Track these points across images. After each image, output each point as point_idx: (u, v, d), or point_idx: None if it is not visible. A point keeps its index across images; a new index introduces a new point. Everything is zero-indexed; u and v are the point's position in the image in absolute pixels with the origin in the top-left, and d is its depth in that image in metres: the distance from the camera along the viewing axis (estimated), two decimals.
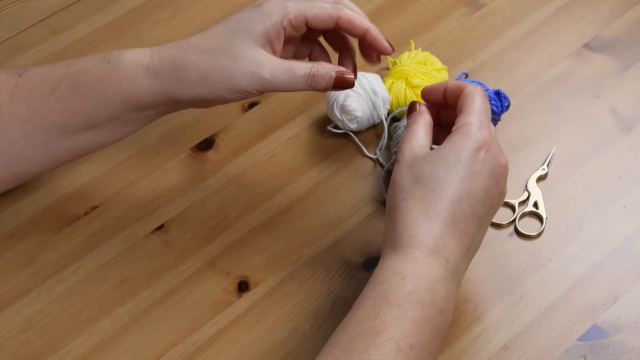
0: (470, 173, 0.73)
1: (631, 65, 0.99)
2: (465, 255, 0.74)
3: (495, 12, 1.05)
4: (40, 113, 0.81)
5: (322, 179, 0.93)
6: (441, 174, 0.73)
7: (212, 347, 0.82)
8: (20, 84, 0.82)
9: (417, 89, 0.94)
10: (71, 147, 0.83)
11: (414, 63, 0.95)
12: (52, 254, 0.89)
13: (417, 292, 0.70)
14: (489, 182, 0.74)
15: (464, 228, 0.73)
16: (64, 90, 0.81)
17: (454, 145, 0.74)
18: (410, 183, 0.74)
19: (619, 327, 0.81)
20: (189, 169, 0.94)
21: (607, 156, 0.92)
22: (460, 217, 0.73)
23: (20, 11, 1.10)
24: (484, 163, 0.74)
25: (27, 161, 0.84)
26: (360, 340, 0.68)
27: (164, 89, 0.80)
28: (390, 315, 0.69)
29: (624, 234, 0.86)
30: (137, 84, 0.80)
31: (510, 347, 0.80)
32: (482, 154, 0.74)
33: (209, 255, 0.88)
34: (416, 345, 0.69)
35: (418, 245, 0.72)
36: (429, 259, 0.72)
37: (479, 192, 0.74)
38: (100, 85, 0.80)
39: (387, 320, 0.69)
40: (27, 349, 0.83)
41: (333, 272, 0.86)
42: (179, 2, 1.10)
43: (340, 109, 0.92)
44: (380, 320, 0.69)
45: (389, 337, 0.68)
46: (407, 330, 0.69)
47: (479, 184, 0.74)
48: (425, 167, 0.74)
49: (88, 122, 0.82)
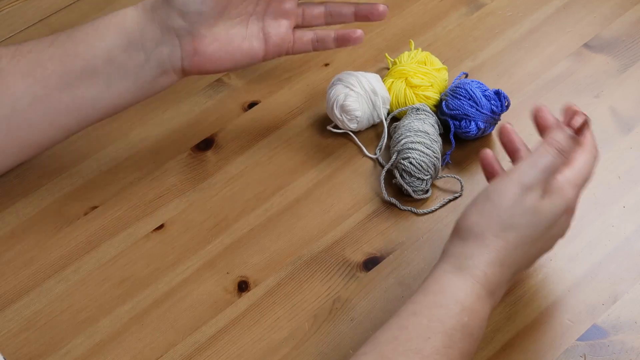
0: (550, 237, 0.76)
1: (631, 65, 0.99)
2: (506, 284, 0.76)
3: (495, 12, 1.05)
4: (41, 64, 0.83)
5: (322, 179, 0.93)
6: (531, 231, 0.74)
7: (212, 347, 0.82)
8: (20, 48, 0.84)
9: (417, 89, 0.94)
10: (70, 103, 0.84)
11: (414, 63, 0.95)
12: (52, 254, 0.89)
13: (470, 327, 0.71)
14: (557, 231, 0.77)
15: (527, 264, 0.77)
16: (61, 38, 0.84)
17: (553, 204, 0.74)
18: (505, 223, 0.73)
19: (619, 327, 0.81)
20: (189, 169, 0.94)
21: (607, 156, 0.92)
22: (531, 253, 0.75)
23: (20, 11, 1.10)
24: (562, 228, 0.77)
25: (28, 123, 0.84)
26: (405, 358, 0.68)
27: (153, 19, 0.83)
28: (441, 343, 0.69)
29: (623, 233, 0.86)
30: (127, 17, 0.84)
31: (510, 347, 0.80)
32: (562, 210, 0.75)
33: (208, 255, 0.88)
34: None
35: (485, 283, 0.72)
36: (487, 299, 0.73)
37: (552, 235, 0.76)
38: (95, 25, 0.84)
39: (436, 346, 0.69)
40: (27, 349, 0.83)
41: (333, 272, 0.86)
42: None
43: (340, 108, 0.92)
44: (430, 345, 0.69)
45: None
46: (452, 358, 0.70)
47: (546, 244, 0.77)
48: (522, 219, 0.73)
49: (85, 67, 0.83)
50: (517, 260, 0.74)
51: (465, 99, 0.91)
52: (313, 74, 1.01)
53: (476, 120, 0.91)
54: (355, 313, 0.83)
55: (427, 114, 0.92)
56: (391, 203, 0.90)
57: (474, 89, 0.91)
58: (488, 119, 0.91)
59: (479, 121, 0.91)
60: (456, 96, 0.92)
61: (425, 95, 0.94)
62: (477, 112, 0.91)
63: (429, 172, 0.88)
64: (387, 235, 0.88)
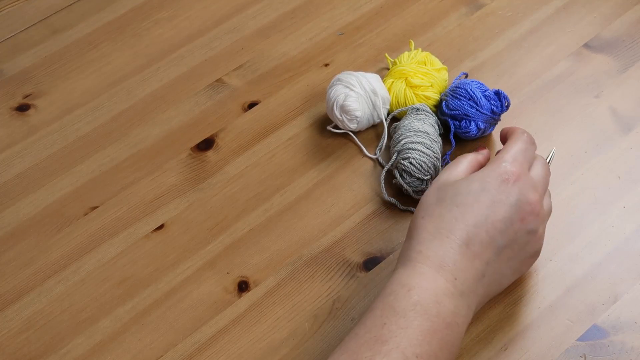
0: (491, 201, 0.75)
1: (631, 65, 0.99)
2: (480, 280, 0.75)
3: (495, 12, 1.05)
4: None
5: (322, 179, 0.93)
6: (462, 198, 0.75)
7: (212, 347, 0.82)
8: None
9: (417, 89, 0.94)
10: None
11: (414, 63, 0.95)
12: (52, 254, 0.89)
13: (423, 304, 0.71)
14: (512, 214, 0.75)
15: (478, 252, 0.74)
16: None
17: (482, 173, 0.76)
18: (433, 203, 0.76)
19: (619, 327, 0.81)
20: (189, 169, 0.94)
21: (607, 156, 0.92)
22: (475, 241, 0.74)
23: (20, 11, 1.10)
24: (509, 195, 0.75)
25: None
26: (367, 348, 0.69)
27: None
28: (396, 324, 0.70)
29: (624, 234, 0.86)
30: None
31: (510, 347, 0.80)
32: (507, 186, 0.75)
33: (208, 255, 0.88)
34: (422, 354, 0.69)
35: (426, 260, 0.74)
36: (435, 274, 0.73)
37: (497, 221, 0.75)
38: None
39: (393, 330, 0.70)
40: (27, 349, 0.83)
41: (333, 272, 0.86)
42: (179, 2, 1.10)
43: (340, 108, 0.92)
44: (386, 329, 0.70)
45: (394, 346, 0.69)
46: (413, 340, 0.70)
47: (499, 214, 0.75)
48: (449, 190, 0.76)
49: None
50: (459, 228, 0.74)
51: (465, 99, 0.91)
52: (313, 74, 1.01)
53: (476, 120, 0.91)
54: (355, 313, 0.83)
55: (427, 114, 0.92)
56: (391, 203, 0.90)
57: (474, 89, 0.91)
58: (488, 119, 0.91)
59: (479, 121, 0.91)
60: (456, 96, 0.92)
61: (425, 96, 0.94)
62: (477, 112, 0.91)
63: (429, 172, 0.88)
64: (387, 235, 0.88)
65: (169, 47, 1.05)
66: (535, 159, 0.80)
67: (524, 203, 0.76)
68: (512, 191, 0.75)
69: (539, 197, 0.77)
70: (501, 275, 0.77)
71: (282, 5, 1.08)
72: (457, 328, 0.73)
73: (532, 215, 0.76)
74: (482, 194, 0.75)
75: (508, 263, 0.77)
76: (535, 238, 0.77)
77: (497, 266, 0.76)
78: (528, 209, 0.76)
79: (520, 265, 0.78)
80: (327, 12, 1.07)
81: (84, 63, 1.05)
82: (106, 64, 1.04)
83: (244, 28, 1.06)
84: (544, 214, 0.78)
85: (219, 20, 1.07)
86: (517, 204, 0.75)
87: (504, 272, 0.77)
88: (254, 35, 1.06)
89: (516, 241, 0.76)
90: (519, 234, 0.76)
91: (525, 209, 0.76)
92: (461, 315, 0.73)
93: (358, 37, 1.04)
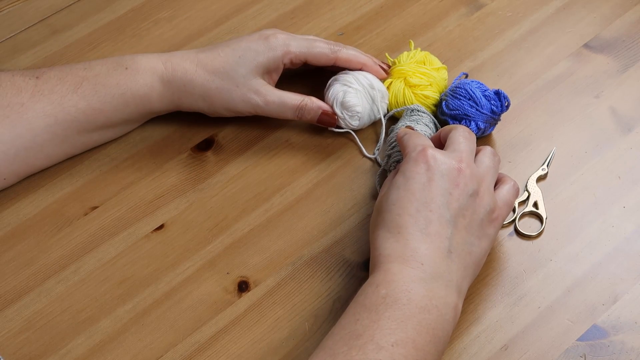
0: (419, 184, 0.78)
1: (631, 65, 0.99)
2: (448, 256, 0.76)
3: (495, 12, 1.05)
4: (64, 109, 0.88)
5: (322, 179, 0.93)
6: (394, 196, 0.78)
7: (212, 347, 0.82)
8: (40, 84, 0.88)
9: (416, 89, 0.94)
10: (84, 142, 0.92)
11: (413, 62, 0.95)
12: (52, 254, 0.89)
13: (392, 295, 0.73)
14: (444, 185, 0.77)
15: (434, 232, 0.76)
16: (86, 90, 0.88)
17: (399, 170, 0.80)
18: (376, 217, 0.80)
19: (619, 327, 0.81)
20: (189, 169, 0.94)
21: (607, 156, 0.92)
22: (424, 224, 0.76)
23: (20, 11, 1.10)
24: (430, 172, 0.78)
25: (46, 154, 0.90)
26: (343, 343, 0.71)
27: (172, 96, 0.91)
28: (368, 319, 0.72)
29: (624, 234, 0.86)
30: (153, 90, 0.90)
31: (510, 347, 0.80)
32: (424, 166, 0.79)
33: (208, 255, 0.88)
34: (398, 342, 0.71)
35: (387, 259, 0.76)
36: (400, 266, 0.75)
37: (436, 197, 0.77)
38: (122, 89, 0.90)
39: (365, 324, 0.72)
40: (27, 349, 0.83)
41: (333, 272, 0.86)
42: (179, 2, 1.10)
43: (341, 105, 0.92)
44: (359, 325, 0.72)
45: (369, 339, 0.71)
46: (386, 330, 0.71)
47: (433, 190, 0.77)
48: (382, 199, 0.80)
49: (106, 122, 0.91)
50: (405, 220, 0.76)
51: (465, 99, 0.91)
52: (313, 75, 1.01)
53: (476, 120, 0.91)
54: None
55: (421, 114, 0.92)
56: None
57: (474, 89, 0.91)
58: (488, 119, 0.91)
59: (479, 121, 0.91)
60: (456, 96, 0.92)
61: (424, 95, 0.94)
62: (477, 112, 0.91)
63: None
64: None
65: (169, 47, 1.05)
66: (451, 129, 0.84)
67: (447, 170, 0.78)
68: (431, 166, 0.78)
69: (463, 158, 0.79)
70: (469, 245, 0.78)
71: (282, 5, 1.08)
72: (436, 311, 0.74)
73: (464, 178, 0.78)
74: (408, 183, 0.78)
75: (469, 231, 0.78)
76: (479, 198, 0.78)
77: (459, 237, 0.77)
78: (455, 174, 0.78)
79: (482, 229, 0.79)
80: (327, 12, 1.07)
81: None
82: None
83: (244, 28, 1.06)
84: (478, 172, 0.80)
85: (219, 20, 1.07)
86: (442, 174, 0.78)
87: (469, 240, 0.78)
88: None
89: (464, 208, 0.78)
90: (462, 200, 0.78)
91: (453, 174, 0.78)
92: (439, 297, 0.74)
93: (358, 37, 1.04)
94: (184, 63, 0.91)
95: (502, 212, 0.81)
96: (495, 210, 0.80)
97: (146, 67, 0.90)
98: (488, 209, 0.79)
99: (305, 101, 0.91)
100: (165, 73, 0.90)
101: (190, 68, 0.90)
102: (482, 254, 0.79)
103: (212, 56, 0.91)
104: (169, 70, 0.90)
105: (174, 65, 0.90)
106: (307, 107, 0.91)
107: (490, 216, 0.79)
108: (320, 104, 0.91)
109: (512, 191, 0.82)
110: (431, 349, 0.72)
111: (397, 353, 0.70)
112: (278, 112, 0.91)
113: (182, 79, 0.90)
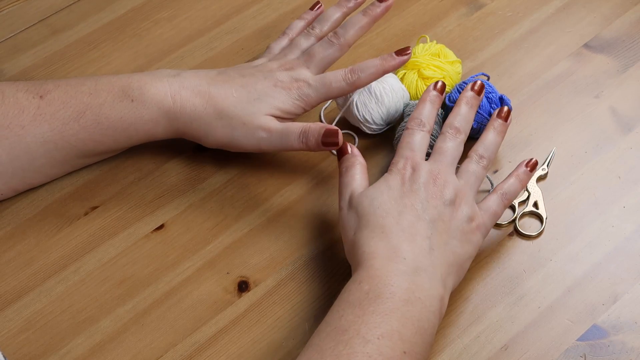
0: (401, 192, 0.81)
1: (631, 65, 0.99)
2: (431, 253, 0.78)
3: (495, 12, 1.05)
4: (64, 137, 0.88)
5: (322, 178, 0.93)
6: (377, 200, 0.80)
7: (212, 347, 0.82)
8: (43, 106, 0.87)
9: (429, 81, 0.94)
10: (84, 163, 0.93)
11: (428, 55, 0.96)
12: (52, 254, 0.89)
13: (375, 290, 0.75)
14: (422, 195, 0.80)
15: (415, 232, 0.78)
16: (88, 121, 0.88)
17: (383, 178, 0.82)
18: (355, 218, 0.81)
19: (619, 327, 0.81)
20: (189, 169, 0.94)
21: (607, 156, 0.92)
22: (406, 224, 0.79)
23: (20, 11, 1.10)
24: (410, 182, 0.81)
25: (42, 174, 0.91)
26: (330, 339, 0.73)
27: (177, 130, 0.90)
28: (352, 314, 0.74)
29: (624, 234, 0.86)
30: (158, 125, 0.89)
31: (510, 347, 0.80)
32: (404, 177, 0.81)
33: (208, 255, 0.88)
34: (384, 334, 0.72)
35: (370, 256, 0.77)
36: (382, 262, 0.77)
37: (415, 203, 0.80)
38: (125, 124, 0.88)
39: (350, 319, 0.73)
40: (27, 349, 0.83)
41: (333, 272, 0.86)
42: (179, 2, 1.10)
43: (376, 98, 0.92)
44: (344, 320, 0.73)
45: (354, 333, 0.72)
46: (371, 324, 0.73)
47: (413, 198, 0.80)
48: (363, 200, 0.81)
49: (106, 150, 0.92)
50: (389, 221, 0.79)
51: None
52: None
53: None
54: None
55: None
56: None
57: None
58: (483, 120, 0.90)
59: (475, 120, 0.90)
60: (460, 90, 0.91)
61: None
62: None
63: None
64: None
65: (169, 47, 1.05)
66: None
67: (426, 183, 0.81)
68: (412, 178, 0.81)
69: (441, 170, 0.81)
70: (451, 245, 0.79)
71: (282, 5, 1.08)
72: (419, 303, 0.75)
73: (440, 190, 0.81)
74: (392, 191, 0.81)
75: (449, 234, 0.79)
76: (456, 206, 0.80)
77: (440, 238, 0.79)
78: (432, 186, 0.81)
79: (464, 235, 0.80)
80: None
81: (84, 63, 1.04)
82: (106, 64, 1.04)
83: (244, 28, 1.06)
84: (456, 183, 0.81)
85: (219, 20, 1.07)
86: (420, 186, 0.81)
87: (450, 242, 0.79)
88: (254, 36, 1.06)
89: (442, 214, 0.80)
90: (439, 208, 0.80)
91: (429, 186, 0.81)
92: (422, 290, 0.75)
93: None
94: (194, 99, 0.88)
95: (484, 220, 0.82)
96: (475, 219, 0.81)
97: (153, 101, 0.88)
98: (466, 217, 0.80)
99: (309, 124, 0.88)
100: (173, 109, 0.88)
101: (199, 105, 0.88)
102: (465, 257, 0.80)
103: (225, 94, 0.88)
104: (177, 105, 0.88)
105: (183, 101, 0.88)
106: (310, 129, 0.87)
107: (470, 224, 0.80)
108: (323, 124, 0.87)
109: (498, 201, 0.83)
110: (417, 340, 0.74)
111: (384, 345, 0.71)
112: (282, 142, 0.87)
113: (190, 116, 0.88)
